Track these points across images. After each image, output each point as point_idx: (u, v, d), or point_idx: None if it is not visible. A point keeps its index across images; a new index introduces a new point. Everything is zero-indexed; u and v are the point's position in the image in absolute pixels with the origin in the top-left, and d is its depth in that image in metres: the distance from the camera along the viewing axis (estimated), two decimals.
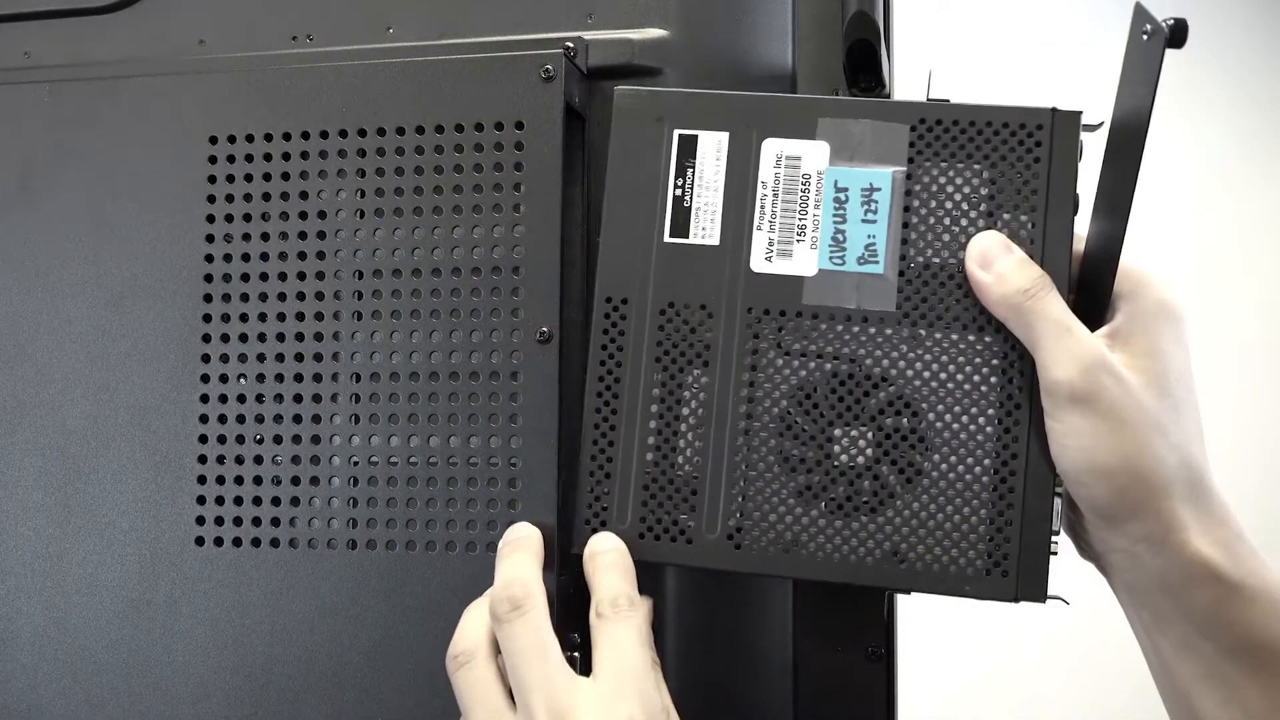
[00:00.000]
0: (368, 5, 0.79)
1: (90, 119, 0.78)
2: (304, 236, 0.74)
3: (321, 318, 0.74)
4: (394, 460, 0.72)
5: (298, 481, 0.74)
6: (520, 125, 0.71)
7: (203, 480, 0.75)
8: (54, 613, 0.76)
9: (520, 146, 0.71)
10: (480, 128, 0.72)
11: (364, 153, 0.73)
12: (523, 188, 0.71)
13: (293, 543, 0.73)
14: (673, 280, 0.69)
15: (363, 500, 0.73)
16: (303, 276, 0.74)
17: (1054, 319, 0.64)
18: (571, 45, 0.73)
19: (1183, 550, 0.63)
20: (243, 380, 0.74)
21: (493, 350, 0.71)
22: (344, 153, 0.74)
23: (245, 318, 0.74)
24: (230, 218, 0.75)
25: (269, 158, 0.75)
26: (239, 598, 0.74)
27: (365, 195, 0.73)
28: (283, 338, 0.74)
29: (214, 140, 0.75)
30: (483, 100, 0.72)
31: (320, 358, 0.74)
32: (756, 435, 0.68)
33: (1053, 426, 0.64)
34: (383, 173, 0.73)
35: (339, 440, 0.73)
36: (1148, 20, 0.61)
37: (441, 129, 0.72)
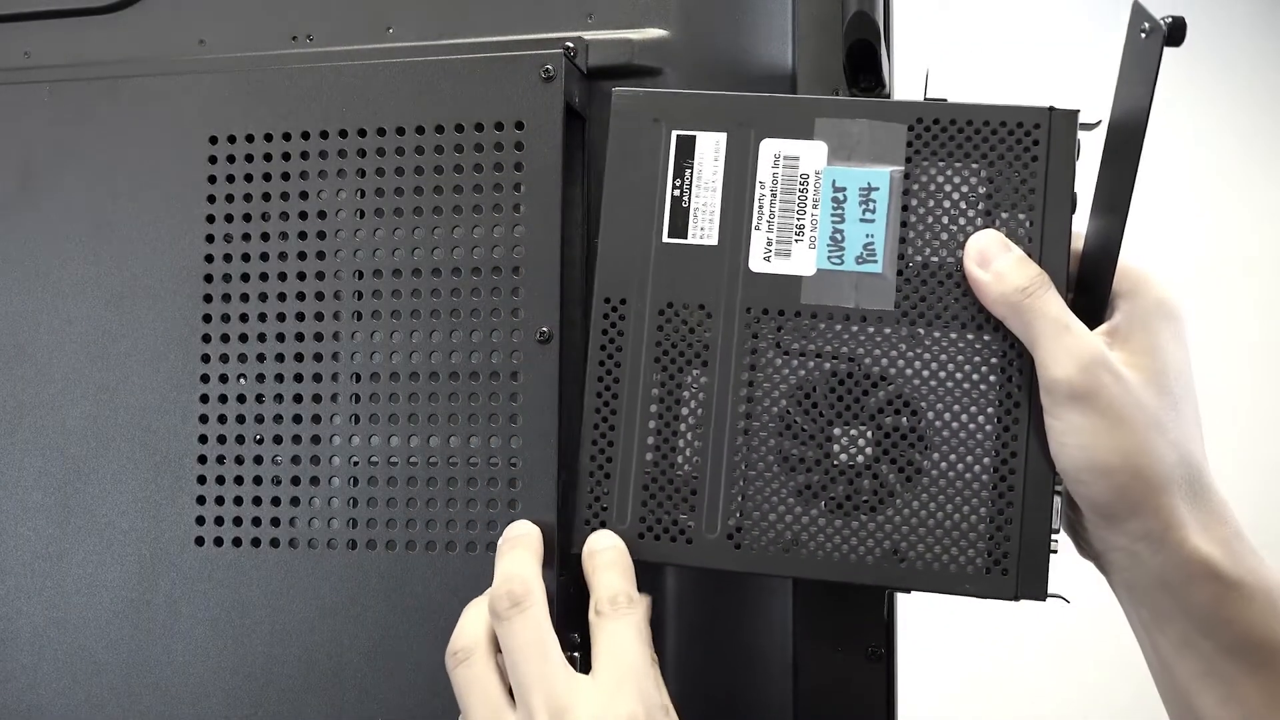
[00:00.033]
0: (368, 5, 0.79)
1: (90, 119, 0.78)
2: (304, 236, 0.74)
3: (321, 318, 0.74)
4: (394, 460, 0.72)
5: (298, 481, 0.73)
6: (520, 125, 0.71)
7: (203, 480, 0.75)
8: (54, 613, 0.76)
9: (520, 146, 0.71)
10: (480, 128, 0.72)
11: (364, 153, 0.73)
12: (523, 188, 0.71)
13: (293, 543, 0.73)
14: (671, 280, 0.69)
15: (363, 500, 0.73)
16: (303, 276, 0.74)
17: (1052, 317, 0.63)
18: (571, 45, 0.73)
19: (1182, 548, 0.63)
20: (243, 380, 0.74)
21: (493, 350, 0.71)
22: (344, 153, 0.74)
23: (245, 318, 0.74)
24: (230, 218, 0.75)
25: (269, 158, 0.75)
26: (239, 598, 0.74)
27: (365, 195, 0.73)
28: (283, 338, 0.74)
29: (214, 140, 0.75)
30: (483, 100, 0.72)
31: (320, 358, 0.74)
32: (756, 435, 0.68)
33: (1052, 425, 0.64)
34: (383, 173, 0.73)
35: (339, 440, 0.73)
36: (1146, 18, 0.61)
37: (441, 129, 0.72)
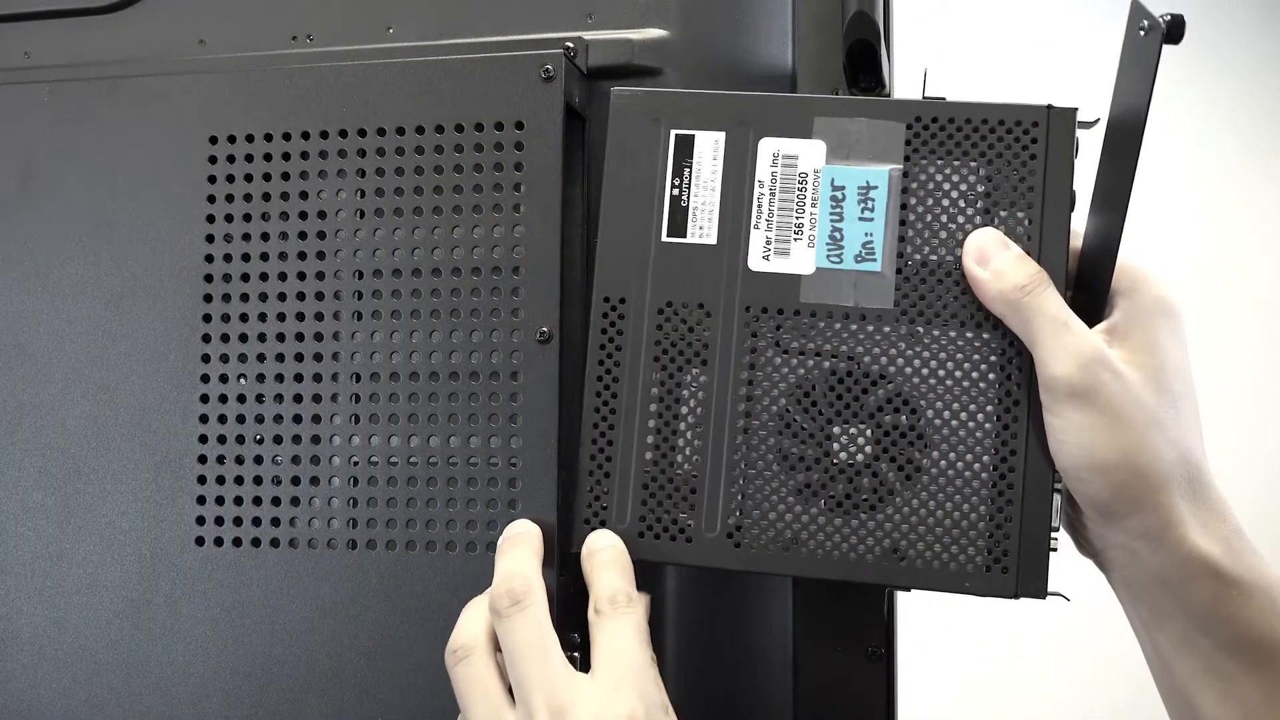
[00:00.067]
0: (368, 5, 0.79)
1: (90, 119, 0.78)
2: (304, 236, 0.74)
3: (321, 318, 0.74)
4: (394, 460, 0.72)
5: (298, 481, 0.73)
6: (520, 125, 0.71)
7: (203, 480, 0.75)
8: (54, 613, 0.76)
9: (520, 146, 0.71)
10: (480, 128, 0.72)
11: (364, 153, 0.73)
12: (523, 188, 0.71)
13: (293, 543, 0.73)
14: (670, 279, 0.69)
15: (363, 500, 0.73)
16: (303, 276, 0.74)
17: (1051, 315, 0.63)
18: (571, 45, 0.73)
19: (1181, 545, 0.63)
20: (243, 380, 0.74)
21: (493, 350, 0.71)
22: (344, 153, 0.74)
23: (245, 318, 0.74)
24: (230, 218, 0.75)
25: (269, 158, 0.75)
26: (239, 598, 0.74)
27: (365, 195, 0.73)
28: (283, 338, 0.74)
29: (214, 140, 0.76)
30: (483, 100, 0.72)
31: (320, 358, 0.74)
32: (755, 434, 0.68)
33: (1051, 422, 0.64)
34: (383, 173, 0.73)
35: (339, 440, 0.73)
36: (1145, 15, 0.61)
37: (441, 129, 0.73)
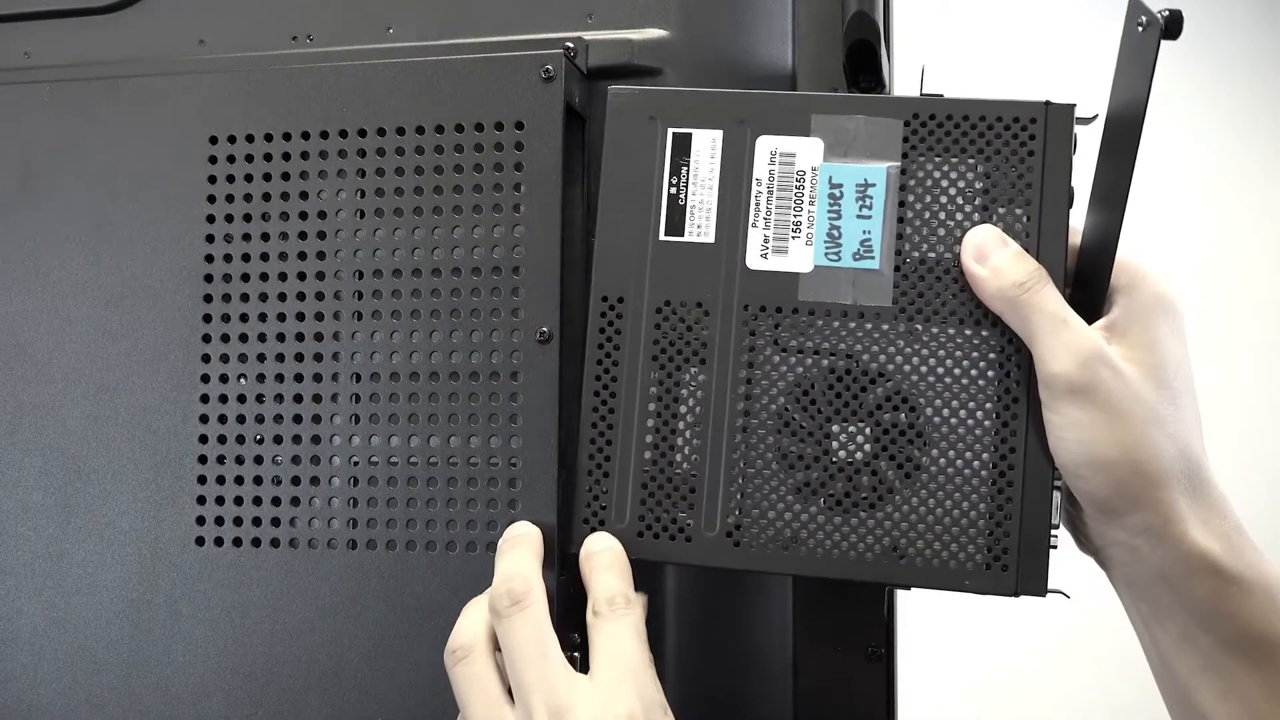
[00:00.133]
0: (368, 5, 0.79)
1: (90, 119, 0.78)
2: (304, 236, 0.74)
3: (321, 318, 0.74)
4: (394, 460, 0.72)
5: (298, 481, 0.73)
6: (520, 125, 0.71)
7: (203, 480, 0.75)
8: (54, 613, 0.76)
9: (520, 146, 0.71)
10: (480, 128, 0.72)
11: (364, 153, 0.73)
12: (523, 188, 0.71)
13: (293, 543, 0.73)
14: (668, 278, 0.69)
15: (363, 500, 0.73)
16: (303, 276, 0.74)
17: (1050, 312, 0.63)
18: (571, 45, 0.73)
19: (1181, 542, 0.63)
20: (243, 380, 0.74)
21: (493, 350, 0.71)
22: (344, 153, 0.74)
23: (245, 318, 0.74)
24: (230, 218, 0.75)
25: (269, 158, 0.75)
26: (239, 598, 0.74)
27: (365, 195, 0.73)
28: (283, 338, 0.74)
29: (214, 140, 0.76)
30: (483, 100, 0.72)
31: (320, 358, 0.74)
32: (754, 432, 0.68)
33: (1051, 419, 0.64)
34: (383, 173, 0.73)
35: (339, 440, 0.73)
36: (1143, 11, 0.61)
37: (441, 129, 0.73)
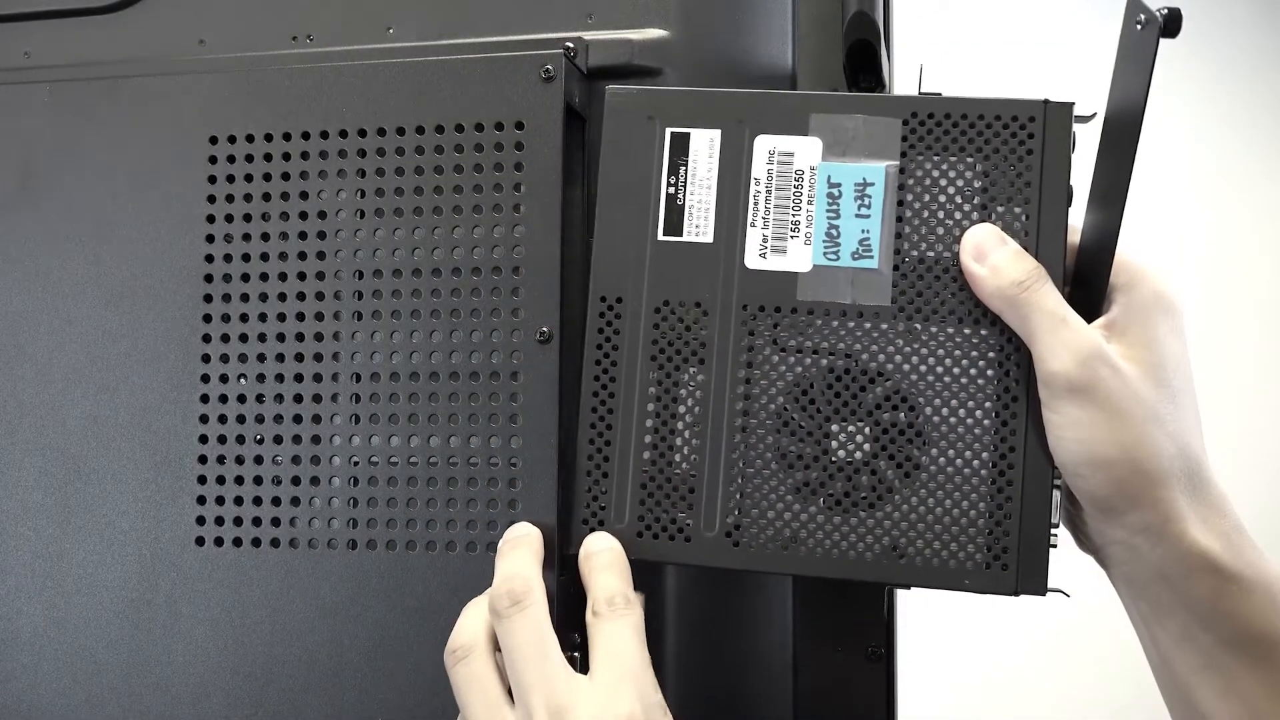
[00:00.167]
0: (368, 5, 0.79)
1: (90, 119, 0.78)
2: (304, 236, 0.74)
3: (321, 318, 0.74)
4: (394, 460, 0.72)
5: (298, 481, 0.73)
6: (520, 125, 0.71)
7: (203, 480, 0.75)
8: (54, 613, 0.76)
9: (520, 146, 0.71)
10: (480, 128, 0.72)
11: (364, 153, 0.73)
12: (523, 188, 0.71)
13: (293, 543, 0.73)
14: (667, 278, 0.69)
15: (363, 500, 0.73)
16: (303, 276, 0.74)
17: (1049, 310, 0.63)
18: (571, 45, 0.73)
19: (1181, 541, 0.62)
20: (243, 380, 0.74)
21: (493, 350, 0.71)
22: (344, 153, 0.74)
23: (245, 318, 0.74)
24: (230, 218, 0.75)
25: (269, 158, 0.75)
26: (239, 598, 0.74)
27: (365, 195, 0.73)
28: (283, 338, 0.74)
29: (214, 140, 0.76)
30: (483, 100, 0.72)
31: (320, 358, 0.74)
32: (754, 432, 0.68)
33: (1050, 418, 0.64)
34: (383, 173, 0.73)
35: (339, 440, 0.73)
36: (1142, 9, 0.61)
37: (441, 129, 0.73)
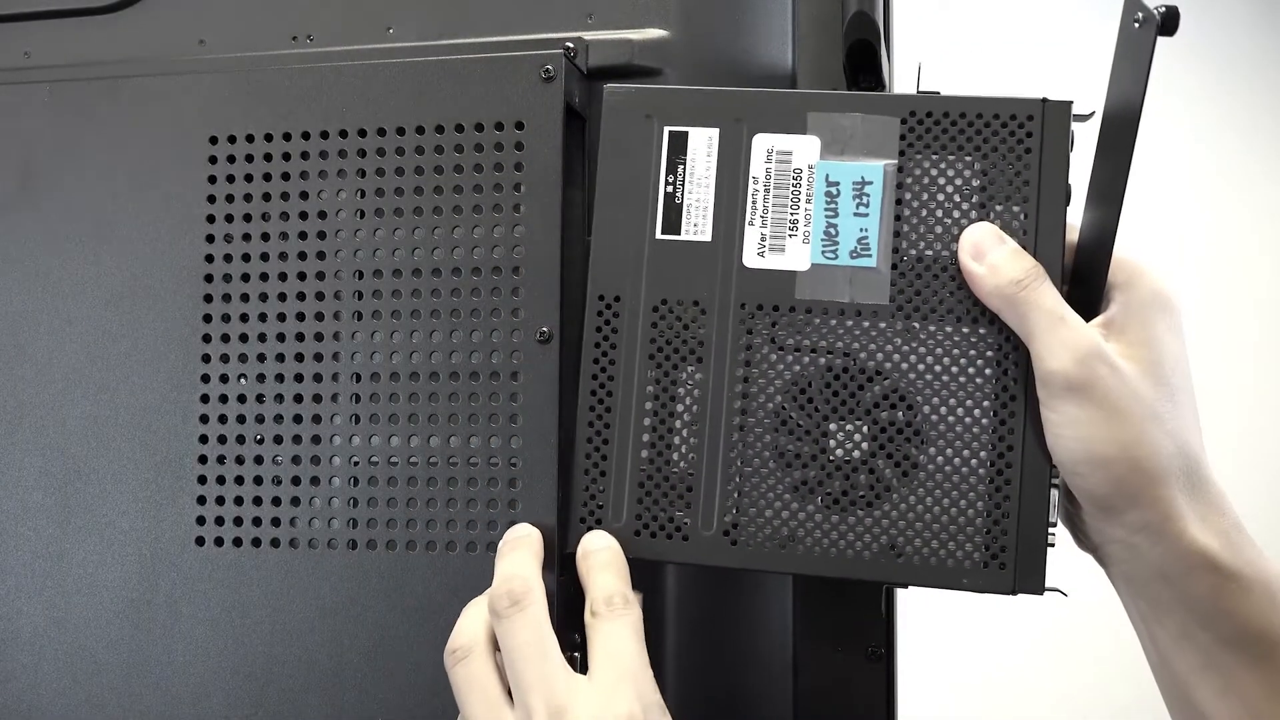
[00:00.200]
0: (368, 5, 0.79)
1: (90, 119, 0.78)
2: (304, 236, 0.74)
3: (321, 318, 0.74)
4: (394, 460, 0.72)
5: (298, 481, 0.73)
6: (520, 125, 0.71)
7: (203, 480, 0.75)
8: (54, 613, 0.76)
9: (520, 147, 0.71)
10: (480, 128, 0.72)
11: (364, 153, 0.74)
12: (523, 188, 0.71)
13: (293, 543, 0.73)
14: (665, 277, 0.69)
15: (363, 500, 0.73)
16: (303, 276, 0.74)
17: (1048, 309, 0.63)
18: (571, 45, 0.73)
19: (1180, 539, 0.62)
20: (243, 380, 0.74)
21: (493, 350, 0.71)
22: (344, 153, 0.74)
23: (245, 318, 0.74)
24: (230, 218, 0.75)
25: (269, 158, 0.75)
26: (239, 598, 0.74)
27: (365, 195, 0.73)
28: (283, 338, 0.74)
29: (214, 140, 0.76)
30: (483, 100, 0.72)
31: (320, 358, 0.74)
32: (751, 431, 0.68)
33: (1048, 417, 0.64)
34: (383, 173, 0.73)
35: (339, 440, 0.73)
36: (1139, 8, 0.61)
37: (441, 129, 0.73)
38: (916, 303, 0.66)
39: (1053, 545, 0.65)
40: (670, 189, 0.69)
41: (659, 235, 0.69)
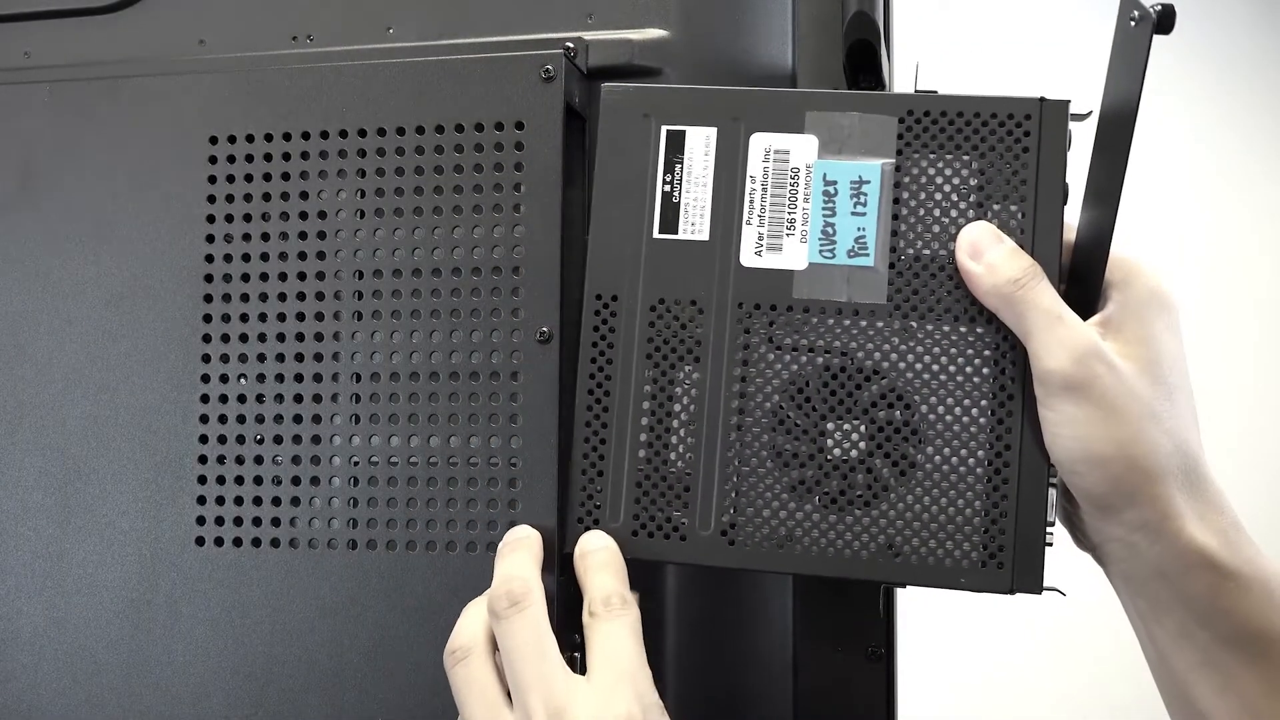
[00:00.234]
0: (368, 5, 0.79)
1: (90, 119, 0.78)
2: (304, 236, 0.74)
3: (321, 318, 0.74)
4: (394, 460, 0.72)
5: (298, 481, 0.74)
6: (520, 125, 0.72)
7: (203, 480, 0.75)
8: (54, 613, 0.76)
9: (520, 146, 0.71)
10: (480, 128, 0.72)
11: (364, 153, 0.74)
12: (523, 188, 0.71)
13: (293, 543, 0.73)
14: (663, 276, 0.69)
15: (363, 500, 0.73)
16: (303, 276, 0.74)
17: (1045, 308, 0.63)
18: (571, 45, 0.73)
19: (1179, 538, 0.62)
20: (243, 380, 0.75)
21: (493, 350, 0.71)
22: (344, 153, 0.74)
23: (245, 318, 0.75)
24: (230, 218, 0.75)
25: (269, 158, 0.75)
26: (239, 598, 0.74)
27: (365, 195, 0.73)
28: (283, 338, 0.74)
29: (214, 140, 0.76)
30: (483, 100, 0.72)
31: (320, 358, 0.74)
32: (749, 430, 0.68)
33: (1046, 416, 0.64)
34: (383, 173, 0.73)
35: (339, 440, 0.73)
36: (1135, 6, 0.61)
37: (441, 129, 0.73)
38: (914, 302, 0.67)
39: (1051, 544, 0.65)
40: (668, 188, 0.69)
41: (656, 234, 0.69)
